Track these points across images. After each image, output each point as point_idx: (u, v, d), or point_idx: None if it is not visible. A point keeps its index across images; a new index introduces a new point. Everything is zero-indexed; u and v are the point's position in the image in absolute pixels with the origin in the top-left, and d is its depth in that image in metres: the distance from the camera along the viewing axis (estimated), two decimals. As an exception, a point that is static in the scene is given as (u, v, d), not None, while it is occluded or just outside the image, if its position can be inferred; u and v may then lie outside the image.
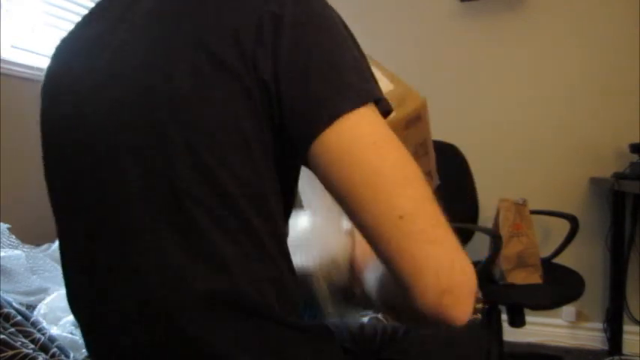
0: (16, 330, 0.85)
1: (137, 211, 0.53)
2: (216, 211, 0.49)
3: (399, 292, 0.46)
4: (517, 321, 1.69)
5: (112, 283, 0.57)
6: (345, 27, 0.53)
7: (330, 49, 0.48)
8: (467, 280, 0.44)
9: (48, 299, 1.10)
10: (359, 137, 0.46)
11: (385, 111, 0.51)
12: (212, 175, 0.49)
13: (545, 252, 1.90)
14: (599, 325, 2.21)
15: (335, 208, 0.59)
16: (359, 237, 0.56)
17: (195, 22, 0.51)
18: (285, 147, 0.51)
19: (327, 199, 0.50)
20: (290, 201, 0.59)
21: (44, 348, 0.84)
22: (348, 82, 0.47)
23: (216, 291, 0.50)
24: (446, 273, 0.43)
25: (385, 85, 0.77)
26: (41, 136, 0.64)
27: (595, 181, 2.16)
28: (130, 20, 0.57)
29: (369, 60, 0.54)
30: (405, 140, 0.49)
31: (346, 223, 0.80)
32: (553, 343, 2.25)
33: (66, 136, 0.59)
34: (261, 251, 0.52)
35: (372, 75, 0.51)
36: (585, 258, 2.16)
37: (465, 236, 2.01)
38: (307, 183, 0.79)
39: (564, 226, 1.91)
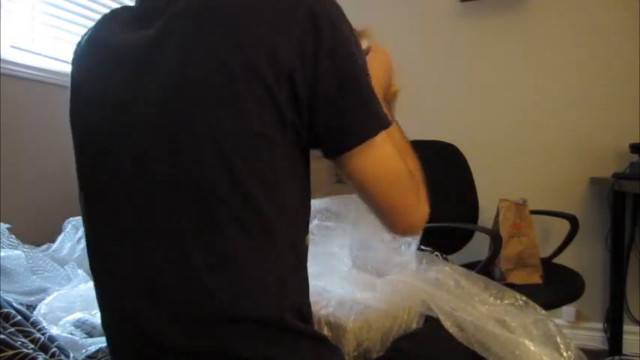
0: (16, 330, 0.85)
1: (161, 210, 0.56)
2: (240, 212, 0.54)
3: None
4: (517, 321, 1.68)
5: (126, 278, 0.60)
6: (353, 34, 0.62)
7: (358, 80, 0.60)
8: (422, 223, 0.69)
9: (48, 299, 1.10)
10: (378, 159, 0.62)
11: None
12: (237, 175, 0.54)
13: (545, 252, 1.90)
14: (599, 325, 2.21)
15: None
16: None
17: (235, 27, 0.55)
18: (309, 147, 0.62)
19: None
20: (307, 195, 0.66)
21: (44, 348, 0.84)
22: (373, 111, 0.61)
23: (231, 303, 0.54)
24: (413, 221, 0.67)
25: None
26: (76, 131, 0.67)
27: (595, 181, 2.15)
28: (168, 18, 0.59)
29: None
30: None
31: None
32: (553, 343, 2.25)
33: (99, 132, 0.63)
34: (278, 259, 0.57)
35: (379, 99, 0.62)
36: (585, 258, 2.16)
37: (464, 236, 2.01)
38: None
39: (564, 226, 1.91)
